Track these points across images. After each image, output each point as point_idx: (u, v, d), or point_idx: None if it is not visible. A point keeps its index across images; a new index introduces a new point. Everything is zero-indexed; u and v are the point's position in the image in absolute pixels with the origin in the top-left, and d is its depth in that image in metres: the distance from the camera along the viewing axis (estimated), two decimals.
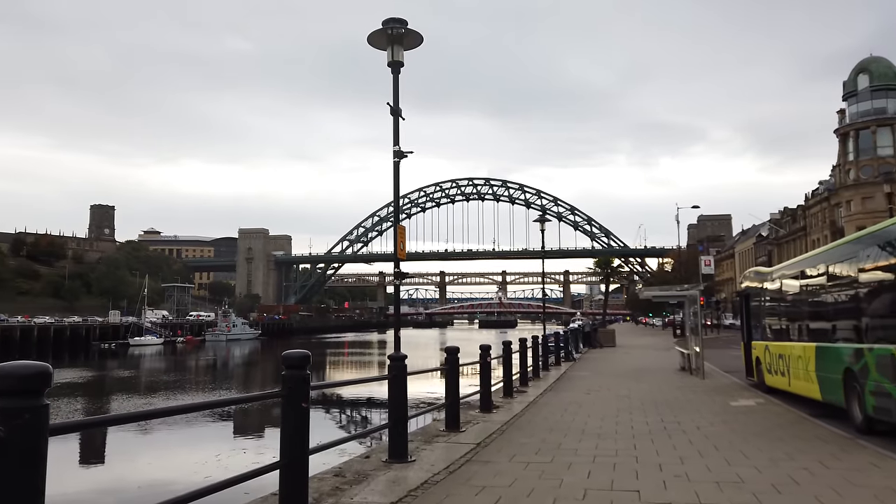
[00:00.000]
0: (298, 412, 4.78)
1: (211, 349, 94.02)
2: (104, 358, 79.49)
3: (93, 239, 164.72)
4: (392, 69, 7.70)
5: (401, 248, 7.44)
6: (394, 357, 7.09)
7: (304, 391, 4.84)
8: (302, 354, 4.93)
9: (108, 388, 46.14)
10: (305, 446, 4.81)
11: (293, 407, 4.78)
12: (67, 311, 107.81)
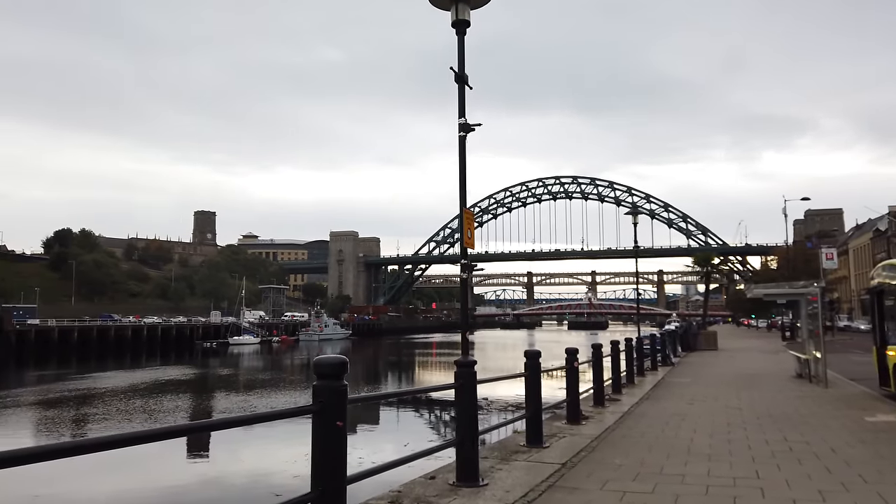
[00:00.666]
0: (333, 433, 3.83)
1: (304, 349, 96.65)
2: (206, 356, 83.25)
3: (196, 243, 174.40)
4: (456, 30, 6.66)
5: (468, 236, 6.38)
6: (461, 363, 6.03)
7: (340, 407, 3.88)
8: (336, 361, 3.98)
9: (216, 385, 48.17)
10: (341, 474, 3.85)
11: (326, 426, 3.83)
12: (174, 311, 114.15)
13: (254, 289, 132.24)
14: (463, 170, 6.35)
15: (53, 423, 31.31)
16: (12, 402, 41.29)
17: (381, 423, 26.81)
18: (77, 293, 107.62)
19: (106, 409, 35.23)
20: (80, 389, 45.93)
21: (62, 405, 37.27)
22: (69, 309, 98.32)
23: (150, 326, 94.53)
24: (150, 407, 35.19)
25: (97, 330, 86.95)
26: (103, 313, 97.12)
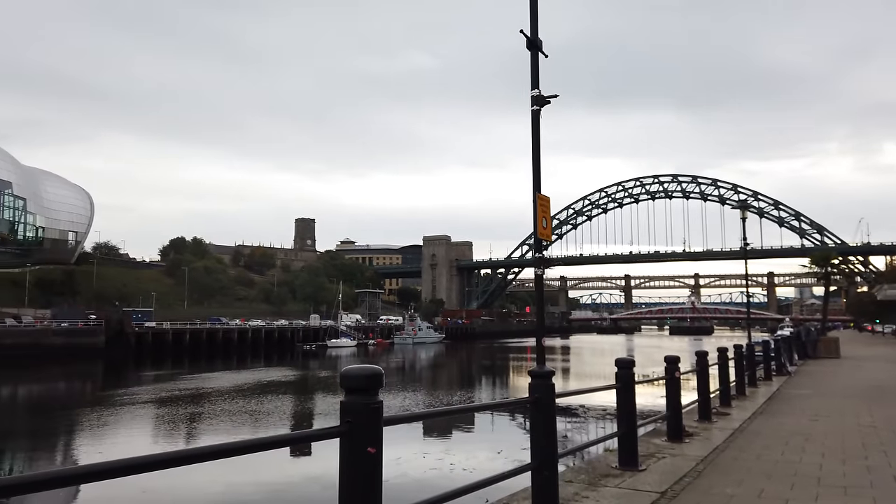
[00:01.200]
0: (364, 461, 3.09)
1: (399, 352, 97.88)
2: (306, 358, 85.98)
3: (297, 249, 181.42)
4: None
5: (542, 226, 5.50)
6: (536, 374, 5.15)
7: (373, 428, 3.13)
8: (368, 372, 3.21)
9: (315, 387, 49.56)
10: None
11: (356, 452, 3.09)
12: (276, 315, 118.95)
13: (350, 293, 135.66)
14: (537, 148, 5.51)
15: (168, 421, 32.95)
16: (133, 399, 44.06)
17: (451, 436, 25.96)
18: (189, 297, 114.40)
19: (214, 408, 36.84)
20: (192, 389, 48.26)
21: (175, 404, 39.30)
22: (182, 312, 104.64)
23: (255, 329, 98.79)
24: (252, 408, 36.39)
25: (206, 332, 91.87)
26: (212, 316, 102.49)
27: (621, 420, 7.13)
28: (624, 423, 7.11)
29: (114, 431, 30.50)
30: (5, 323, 73.00)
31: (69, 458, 25.41)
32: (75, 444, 28.83)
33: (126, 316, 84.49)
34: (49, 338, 72.72)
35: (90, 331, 77.04)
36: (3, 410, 43.75)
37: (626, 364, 7.15)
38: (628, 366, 7.15)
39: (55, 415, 38.50)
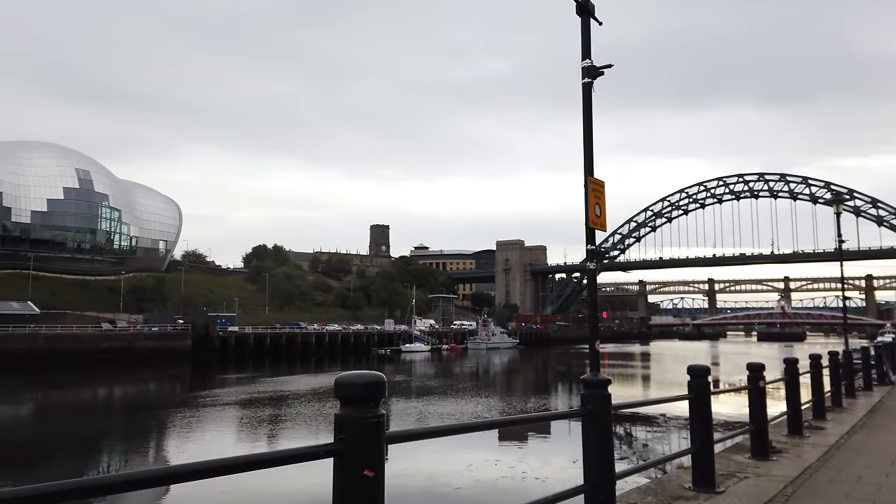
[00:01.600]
0: (360, 485, 2.59)
1: (473, 357, 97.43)
2: (382, 363, 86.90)
3: (372, 255, 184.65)
4: None
5: (595, 214, 4.86)
6: (589, 382, 4.51)
7: (372, 447, 2.63)
8: (365, 380, 2.70)
9: (391, 392, 49.83)
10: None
11: (351, 475, 2.60)
12: (352, 319, 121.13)
13: (424, 298, 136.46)
14: (588, 125, 4.89)
15: (249, 424, 33.85)
16: (217, 401, 45.70)
17: (526, 443, 25.05)
18: (270, 303, 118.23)
19: (293, 411, 37.63)
20: (272, 392, 49.54)
21: (256, 406, 40.47)
22: (263, 317, 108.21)
23: (331, 334, 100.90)
24: (328, 412, 36.97)
25: (286, 337, 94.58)
26: (292, 321, 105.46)
27: (695, 435, 6.35)
28: (698, 438, 6.32)
29: (200, 432, 31.80)
30: (101, 327, 77.55)
31: (160, 457, 26.51)
32: (166, 443, 30.27)
33: (210, 321, 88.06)
34: (141, 341, 76.71)
35: (178, 335, 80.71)
36: (101, 410, 46.46)
37: (701, 372, 6.34)
38: (703, 374, 6.34)
39: (147, 414, 40.47)
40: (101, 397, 54.57)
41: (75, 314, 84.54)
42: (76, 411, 45.97)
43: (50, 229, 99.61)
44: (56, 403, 50.15)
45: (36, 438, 32.93)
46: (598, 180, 5.04)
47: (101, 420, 40.49)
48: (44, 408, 47.30)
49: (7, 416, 43.49)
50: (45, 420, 41.73)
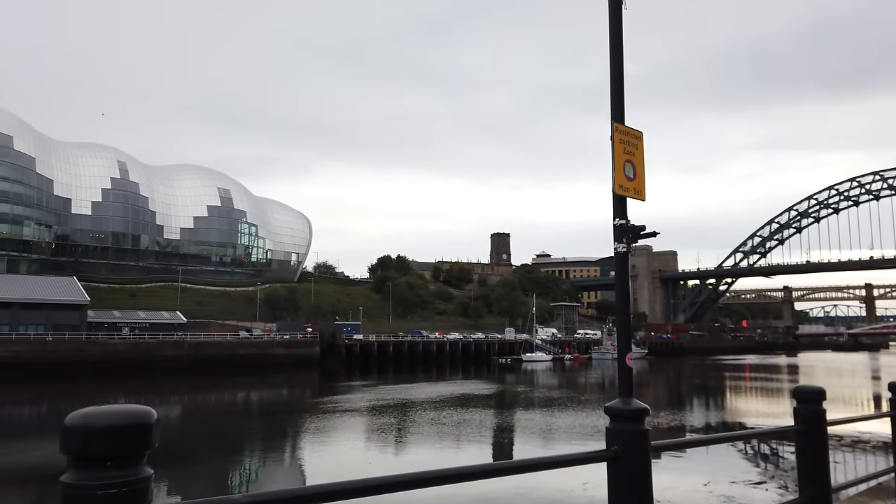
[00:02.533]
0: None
1: (598, 367, 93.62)
2: (502, 372, 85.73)
3: (493, 264, 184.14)
4: None
5: (625, 179, 3.44)
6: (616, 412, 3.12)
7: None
8: None
9: (513, 402, 48.80)
10: None
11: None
12: (473, 328, 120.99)
13: (546, 306, 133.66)
14: (618, 54, 3.51)
15: (379, 430, 34.41)
16: (346, 406, 46.86)
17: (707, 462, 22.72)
18: (393, 311, 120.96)
19: (419, 418, 37.83)
20: (397, 399, 50.08)
21: (384, 413, 41.18)
22: (387, 325, 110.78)
23: (452, 342, 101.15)
24: (453, 419, 36.71)
25: (407, 345, 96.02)
26: (414, 330, 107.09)
27: (805, 478, 4.53)
28: (809, 482, 4.49)
29: (335, 437, 32.72)
30: (238, 335, 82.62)
31: (297, 461, 27.47)
32: (302, 447, 31.26)
33: (337, 329, 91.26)
34: (273, 348, 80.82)
35: (307, 342, 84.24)
36: (242, 413, 49.19)
37: (812, 395, 4.50)
38: (815, 398, 4.52)
39: (283, 417, 42.43)
40: (240, 400, 57.84)
41: (217, 322, 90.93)
42: (220, 413, 49.21)
43: (196, 244, 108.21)
44: (202, 406, 53.79)
45: (187, 438, 35.43)
46: (632, 129, 3.64)
47: (242, 421, 42.84)
48: (192, 410, 50.96)
49: (160, 416, 46.99)
50: (194, 421, 45.00)
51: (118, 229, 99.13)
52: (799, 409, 3.63)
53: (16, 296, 69.38)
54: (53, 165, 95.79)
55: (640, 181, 3.78)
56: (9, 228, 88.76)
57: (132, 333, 74.65)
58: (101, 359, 67.18)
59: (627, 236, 3.75)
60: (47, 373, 62.85)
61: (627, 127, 3.73)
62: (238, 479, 24.73)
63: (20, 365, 62.34)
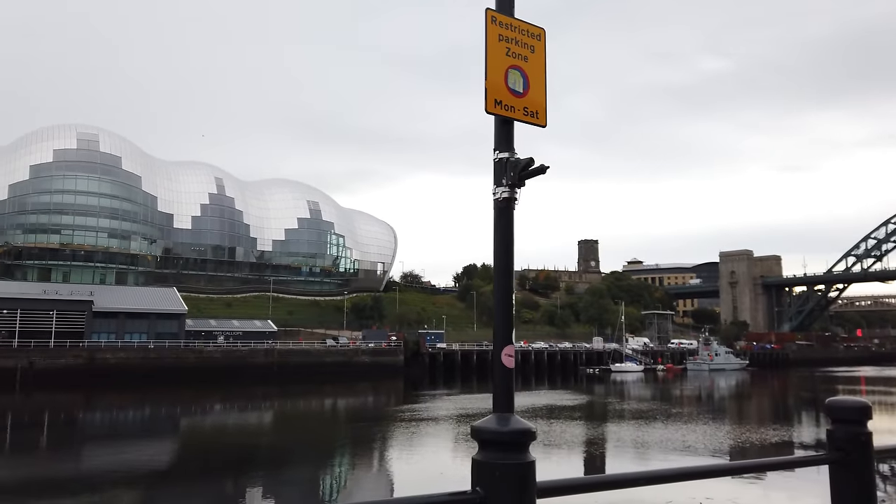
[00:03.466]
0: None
1: (693, 379, 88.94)
2: (591, 382, 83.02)
3: (581, 271, 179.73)
4: None
5: (509, 92, 2.40)
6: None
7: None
8: None
9: (607, 414, 47.09)
10: None
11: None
12: (560, 337, 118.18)
13: (637, 315, 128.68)
14: None
15: (468, 439, 34.10)
16: (432, 415, 46.81)
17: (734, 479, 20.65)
18: (479, 320, 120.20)
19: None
20: (482, 408, 49.25)
21: (469, 421, 40.48)
22: (472, 334, 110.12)
23: (537, 352, 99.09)
24: (542, 430, 35.54)
25: (492, 354, 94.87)
26: None
27: None
28: None
29: (423, 445, 33.13)
30: (325, 343, 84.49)
31: (387, 468, 27.67)
32: (391, 454, 31.62)
33: (421, 337, 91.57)
34: (359, 356, 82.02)
35: (391, 351, 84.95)
36: (330, 420, 50.28)
37: (852, 412, 3.33)
38: (856, 415, 3.35)
39: (369, 425, 43.11)
40: (328, 407, 58.99)
41: (307, 331, 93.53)
42: (310, 419, 50.69)
43: (287, 255, 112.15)
44: (292, 412, 55.30)
45: (280, 443, 36.71)
46: (525, 24, 2.56)
47: (331, 427, 44.18)
48: (283, 415, 52.57)
49: (252, 421, 48.84)
50: (286, 427, 46.43)
51: (215, 242, 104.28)
52: (834, 431, 2.54)
53: (122, 306, 74.06)
54: (157, 183, 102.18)
55: (537, 96, 2.72)
56: (118, 243, 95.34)
57: (227, 342, 77.85)
58: (197, 365, 70.42)
59: (509, 175, 2.71)
60: (149, 378, 66.54)
61: (516, 20, 2.70)
62: (330, 485, 25.25)
63: (125, 370, 66.35)
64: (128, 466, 28.52)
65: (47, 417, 48.72)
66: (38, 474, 27.57)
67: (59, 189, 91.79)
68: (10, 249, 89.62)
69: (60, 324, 68.52)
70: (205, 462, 30.87)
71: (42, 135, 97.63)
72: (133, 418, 50.91)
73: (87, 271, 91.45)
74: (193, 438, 40.54)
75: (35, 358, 63.04)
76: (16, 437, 39.13)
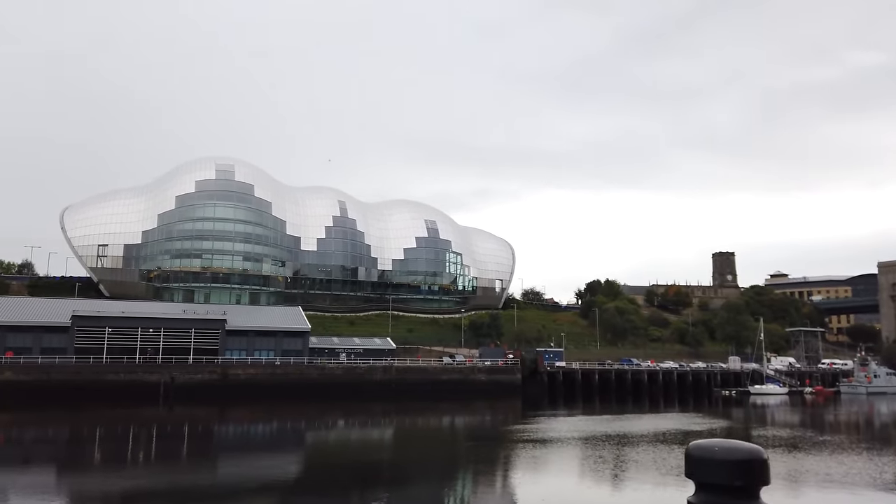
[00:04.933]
0: None
1: (849, 403, 79.70)
2: (727, 406, 76.59)
3: (716, 286, 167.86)
4: None
5: None
6: None
7: None
8: None
9: (757, 441, 43.05)
10: None
11: None
12: (691, 356, 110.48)
13: (781, 332, 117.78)
14: None
15: (597, 463, 32.90)
16: (554, 436, 45.39)
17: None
18: (602, 338, 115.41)
19: (638, 454, 35.52)
20: (608, 431, 47.51)
21: (596, 445, 39.56)
22: (594, 353, 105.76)
23: (665, 371, 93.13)
24: (679, 458, 33.06)
25: (615, 373, 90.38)
26: (623, 357, 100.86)
27: None
28: None
29: (547, 467, 32.53)
30: (442, 361, 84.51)
31: (510, 491, 27.17)
32: (513, 476, 31.12)
33: (539, 356, 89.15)
34: (475, 374, 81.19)
35: (508, 369, 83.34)
36: (449, 437, 50.23)
37: None
38: None
39: (489, 444, 42.74)
40: (445, 425, 58.69)
41: (425, 349, 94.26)
42: (430, 436, 51.00)
43: (406, 274, 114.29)
44: (412, 428, 55.67)
45: (401, 459, 37.67)
46: None
47: (450, 445, 44.50)
48: (403, 432, 53.15)
49: (374, 437, 49.76)
50: (407, 443, 46.97)
51: (339, 263, 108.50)
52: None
53: (251, 324, 78.54)
54: (286, 208, 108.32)
55: None
56: (251, 265, 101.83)
57: (348, 359, 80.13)
58: (319, 381, 72.94)
59: None
60: (275, 393, 69.79)
61: None
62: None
63: (254, 386, 70.04)
64: (262, 477, 30.10)
65: (187, 429, 52.33)
66: (183, 482, 29.88)
67: (200, 217, 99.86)
68: (160, 274, 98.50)
69: (198, 341, 73.79)
70: (332, 476, 31.99)
71: (186, 168, 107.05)
72: (262, 431, 53.32)
73: (224, 292, 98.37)
74: (320, 452, 41.98)
75: (176, 373, 68.19)
76: (161, 447, 42.27)
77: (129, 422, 53.91)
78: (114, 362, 68.08)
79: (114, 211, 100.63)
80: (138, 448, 41.90)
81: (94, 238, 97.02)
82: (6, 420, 52.95)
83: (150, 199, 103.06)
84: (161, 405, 63.82)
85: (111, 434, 48.19)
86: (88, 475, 32.28)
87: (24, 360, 65.02)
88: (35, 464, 35.64)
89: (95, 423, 53.30)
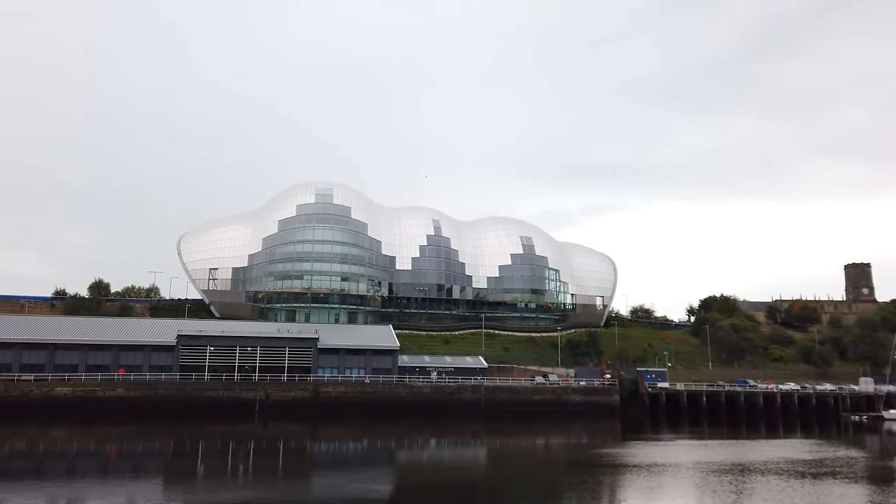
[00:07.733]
0: None
1: None
2: (858, 432, 68.55)
3: (850, 301, 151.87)
4: None
5: None
6: None
7: None
8: None
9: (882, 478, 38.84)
10: None
11: None
12: (818, 377, 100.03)
13: None
14: None
15: (716, 494, 31.18)
16: (660, 462, 42.76)
17: None
18: (716, 357, 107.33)
19: (761, 484, 33.41)
20: (722, 459, 44.32)
21: (711, 473, 37.38)
22: (705, 373, 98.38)
23: (785, 394, 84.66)
24: (811, 493, 31.41)
25: (725, 395, 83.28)
26: (738, 379, 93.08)
27: None
28: None
29: (658, 499, 31.16)
30: (534, 380, 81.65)
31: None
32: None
33: (640, 376, 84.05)
34: (569, 395, 77.66)
35: (605, 390, 79.10)
36: (544, 460, 48.40)
37: None
38: None
39: (587, 470, 40.43)
40: (539, 446, 56.52)
41: (520, 368, 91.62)
42: (524, 459, 49.41)
43: (501, 292, 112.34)
44: (504, 450, 54.11)
45: (496, 483, 37.41)
46: None
47: (546, 469, 43.29)
48: (495, 453, 51.94)
49: (467, 458, 48.85)
50: (499, 464, 46.07)
51: (433, 281, 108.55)
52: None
53: (343, 343, 79.92)
54: (381, 228, 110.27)
55: None
56: (349, 285, 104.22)
57: (439, 377, 79.45)
58: (408, 399, 72.65)
59: None
60: (364, 410, 70.23)
61: None
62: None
63: (343, 403, 70.87)
64: (357, 496, 30.40)
65: (282, 445, 53.68)
66: (280, 498, 30.70)
67: (300, 239, 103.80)
68: (265, 295, 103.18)
69: (292, 359, 76.03)
70: (428, 497, 31.92)
71: (289, 193, 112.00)
72: (354, 449, 53.63)
73: (323, 312, 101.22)
74: (413, 472, 41.92)
75: (270, 390, 70.45)
76: (259, 462, 43.56)
77: (227, 437, 56.04)
78: (213, 379, 71.45)
79: (224, 236, 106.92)
80: (237, 463, 43.37)
81: (206, 262, 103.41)
82: (118, 433, 56.67)
83: (256, 224, 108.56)
84: (256, 422, 65.99)
85: (212, 448, 50.22)
86: (193, 488, 33.78)
87: (135, 376, 69.75)
88: (144, 476, 37.86)
89: (197, 438, 55.89)
